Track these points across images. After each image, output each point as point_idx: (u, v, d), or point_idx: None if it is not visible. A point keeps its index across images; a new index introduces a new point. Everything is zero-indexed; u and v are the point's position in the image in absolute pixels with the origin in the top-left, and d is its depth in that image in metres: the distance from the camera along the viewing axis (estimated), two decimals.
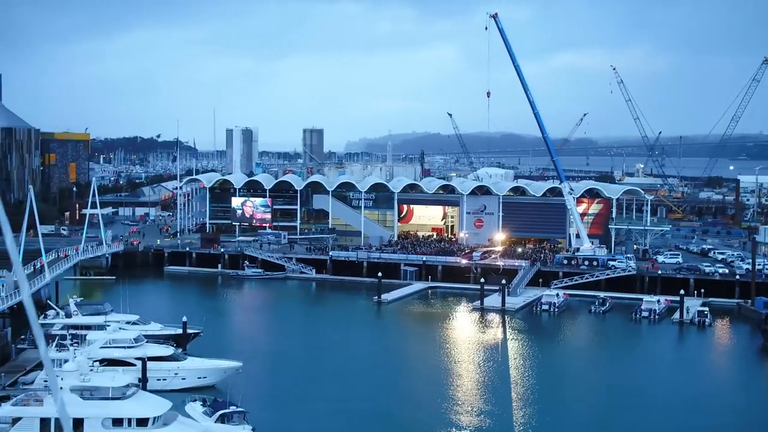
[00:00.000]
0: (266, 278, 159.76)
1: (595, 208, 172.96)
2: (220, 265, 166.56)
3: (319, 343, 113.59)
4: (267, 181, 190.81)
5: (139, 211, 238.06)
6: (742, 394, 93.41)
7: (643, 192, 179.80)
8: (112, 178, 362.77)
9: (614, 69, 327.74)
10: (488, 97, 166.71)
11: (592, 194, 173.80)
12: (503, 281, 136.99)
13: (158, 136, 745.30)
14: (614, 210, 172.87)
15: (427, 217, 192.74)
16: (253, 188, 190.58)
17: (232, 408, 72.44)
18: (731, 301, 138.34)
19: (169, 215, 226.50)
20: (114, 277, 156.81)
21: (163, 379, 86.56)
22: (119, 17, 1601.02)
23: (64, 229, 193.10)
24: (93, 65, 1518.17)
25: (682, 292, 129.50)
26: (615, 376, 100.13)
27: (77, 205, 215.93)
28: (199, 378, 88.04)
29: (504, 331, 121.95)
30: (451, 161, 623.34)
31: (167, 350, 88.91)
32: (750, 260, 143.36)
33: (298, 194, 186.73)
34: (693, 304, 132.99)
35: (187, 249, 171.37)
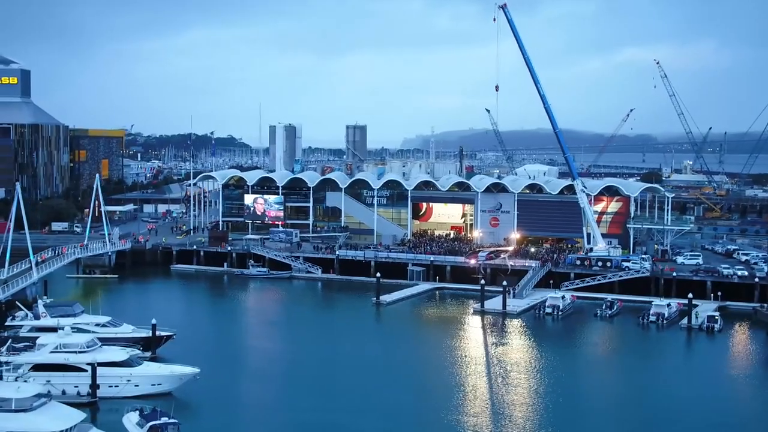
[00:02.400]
0: (271, 278, 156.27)
1: (614, 206, 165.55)
2: (226, 264, 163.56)
3: (301, 347, 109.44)
4: (281, 178, 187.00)
5: (164, 208, 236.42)
6: (740, 409, 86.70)
7: (662, 189, 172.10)
8: (148, 175, 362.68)
9: (657, 63, 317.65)
10: (497, 90, 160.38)
11: (611, 192, 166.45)
12: (504, 283, 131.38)
13: (212, 133, 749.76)
14: (632, 208, 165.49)
15: (446, 215, 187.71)
16: (267, 185, 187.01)
17: (164, 419, 68.93)
18: (748, 306, 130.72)
19: (183, 213, 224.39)
20: (116, 276, 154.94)
21: (115, 386, 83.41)
22: (181, 16, 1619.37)
23: (77, 227, 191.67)
24: (154, 63, 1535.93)
25: (690, 295, 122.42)
26: (609, 386, 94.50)
27: (96, 202, 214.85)
28: (153, 385, 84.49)
29: (498, 337, 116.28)
30: (504, 158, 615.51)
31: (120, 355, 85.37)
32: None
33: (311, 191, 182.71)
34: (707, 308, 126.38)
35: (194, 247, 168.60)
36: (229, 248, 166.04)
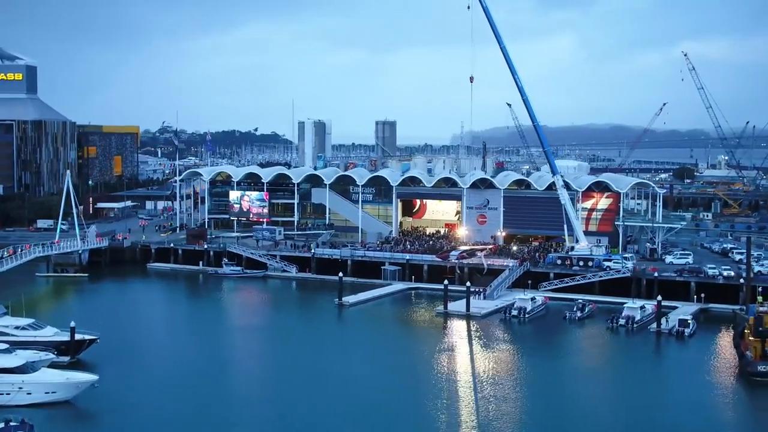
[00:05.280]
0: (245, 277, 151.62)
1: (603, 203, 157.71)
2: (201, 263, 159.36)
3: (241, 353, 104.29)
4: (266, 174, 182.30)
5: (162, 205, 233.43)
6: (698, 419, 79.01)
7: (653, 185, 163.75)
8: (167, 171, 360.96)
9: (685, 55, 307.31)
10: (471, 82, 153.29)
11: (600, 188, 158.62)
12: (468, 284, 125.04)
13: (255, 130, 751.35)
14: (622, 204, 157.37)
15: (440, 212, 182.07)
16: (253, 181, 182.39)
17: None
18: (730, 308, 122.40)
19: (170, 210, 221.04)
20: (86, 275, 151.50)
21: (7, 394, 78.93)
22: (234, 13, 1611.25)
23: (63, 224, 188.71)
24: (206, 61, 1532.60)
25: (659, 298, 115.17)
26: (562, 394, 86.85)
27: (90, 200, 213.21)
28: (47, 393, 79.81)
29: (453, 340, 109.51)
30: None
31: (13, 361, 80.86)
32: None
33: (296, 188, 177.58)
34: (684, 311, 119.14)
35: (172, 245, 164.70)
36: (206, 246, 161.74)
